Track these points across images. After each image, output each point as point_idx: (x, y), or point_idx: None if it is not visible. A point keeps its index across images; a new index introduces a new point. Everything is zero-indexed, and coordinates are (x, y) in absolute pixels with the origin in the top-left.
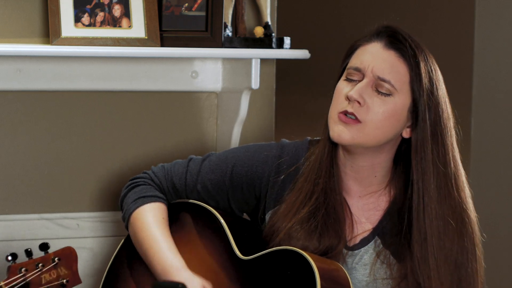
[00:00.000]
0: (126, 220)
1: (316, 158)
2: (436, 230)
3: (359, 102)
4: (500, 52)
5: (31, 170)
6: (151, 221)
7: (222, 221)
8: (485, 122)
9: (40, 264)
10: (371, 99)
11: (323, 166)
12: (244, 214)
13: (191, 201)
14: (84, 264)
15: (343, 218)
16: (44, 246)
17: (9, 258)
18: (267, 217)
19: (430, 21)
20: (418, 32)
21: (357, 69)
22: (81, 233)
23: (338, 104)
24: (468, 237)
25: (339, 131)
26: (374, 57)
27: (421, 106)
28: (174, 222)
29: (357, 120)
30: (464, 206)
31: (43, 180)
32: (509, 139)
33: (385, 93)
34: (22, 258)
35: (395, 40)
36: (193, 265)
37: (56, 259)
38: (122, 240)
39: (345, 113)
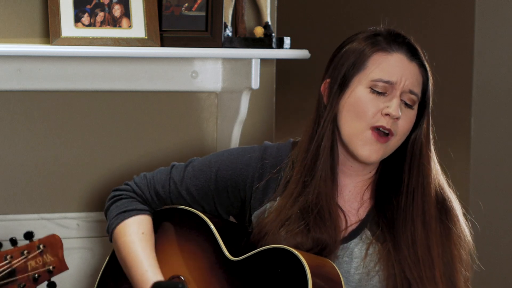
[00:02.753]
0: (109, 234)
1: (308, 157)
2: (421, 227)
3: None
4: (500, 52)
5: (31, 170)
6: (131, 238)
7: (211, 224)
8: (485, 122)
9: (25, 252)
10: (402, 113)
11: (318, 168)
12: (231, 217)
13: (178, 206)
14: (84, 264)
15: (335, 216)
16: (28, 235)
17: None
18: (253, 218)
19: (430, 21)
20: (418, 32)
21: (389, 82)
22: (81, 233)
23: (369, 117)
24: (452, 228)
25: (371, 151)
26: (404, 70)
27: (426, 114)
28: (162, 228)
29: (390, 134)
30: (447, 198)
31: (43, 180)
32: (509, 139)
33: (411, 105)
34: (7, 247)
35: (415, 51)
36: (183, 270)
37: (41, 246)
38: (110, 253)
39: (380, 127)
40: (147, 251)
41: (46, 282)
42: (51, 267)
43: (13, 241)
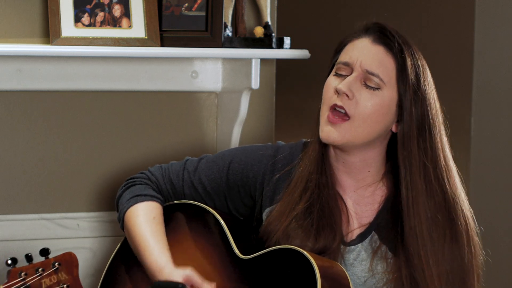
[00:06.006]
0: (120, 219)
1: (309, 155)
2: (426, 224)
3: (347, 95)
4: (500, 52)
5: (31, 170)
6: (142, 220)
7: (221, 220)
8: (485, 122)
9: (40, 269)
10: (359, 93)
11: (315, 163)
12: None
13: (189, 201)
14: (84, 264)
15: (338, 213)
16: (44, 252)
17: (9, 262)
18: (264, 215)
19: (430, 21)
20: (418, 32)
21: (346, 64)
22: (81, 233)
23: (328, 98)
24: (462, 230)
25: (327, 132)
26: (363, 51)
27: (406, 101)
28: (172, 223)
29: (345, 115)
30: (456, 200)
31: (43, 180)
32: (509, 139)
33: (374, 87)
34: (22, 262)
35: (383, 36)
36: (192, 265)
37: (56, 264)
38: (120, 241)
39: (335, 106)
40: (156, 234)
41: None
42: (65, 286)
43: (29, 258)
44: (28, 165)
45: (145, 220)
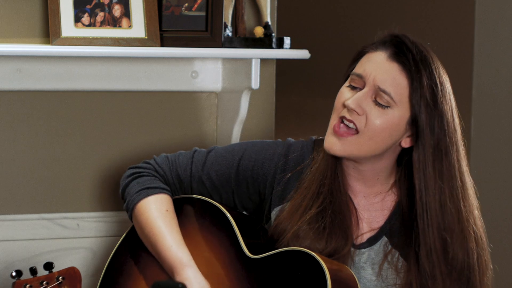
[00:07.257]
0: (129, 211)
1: (322, 159)
2: (440, 243)
3: (357, 112)
4: (500, 52)
5: (31, 170)
6: (155, 214)
7: (230, 217)
8: (485, 122)
9: (44, 282)
10: (369, 109)
11: (328, 168)
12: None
13: (196, 196)
14: (84, 264)
15: (349, 217)
16: (48, 266)
17: (14, 274)
18: (273, 214)
19: (430, 21)
20: (418, 33)
21: (359, 76)
22: (81, 233)
23: (338, 108)
24: (474, 250)
25: (331, 143)
26: (377, 67)
27: (421, 121)
28: (180, 218)
29: (354, 130)
30: (469, 220)
31: (43, 180)
32: (509, 139)
33: (383, 105)
34: (26, 275)
35: (400, 52)
36: (200, 262)
37: (60, 278)
38: (122, 236)
39: (343, 119)
40: (172, 228)
41: None
42: None
43: (33, 271)
44: (28, 165)
45: (159, 214)
